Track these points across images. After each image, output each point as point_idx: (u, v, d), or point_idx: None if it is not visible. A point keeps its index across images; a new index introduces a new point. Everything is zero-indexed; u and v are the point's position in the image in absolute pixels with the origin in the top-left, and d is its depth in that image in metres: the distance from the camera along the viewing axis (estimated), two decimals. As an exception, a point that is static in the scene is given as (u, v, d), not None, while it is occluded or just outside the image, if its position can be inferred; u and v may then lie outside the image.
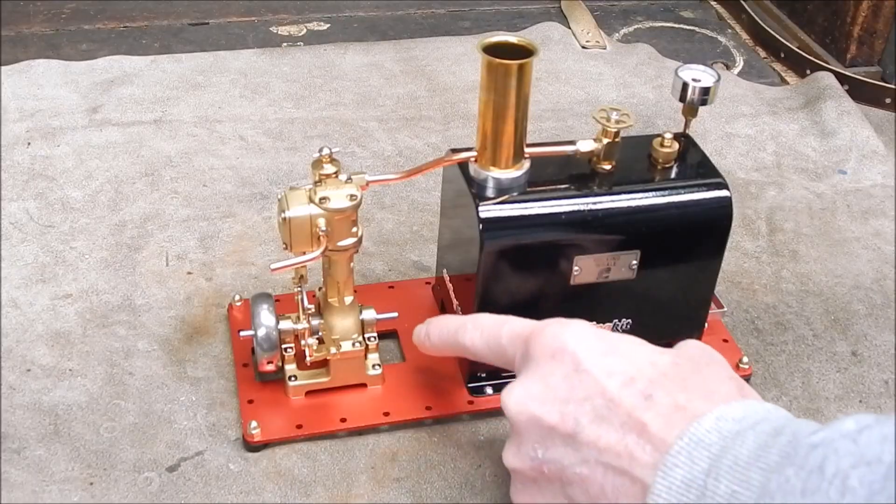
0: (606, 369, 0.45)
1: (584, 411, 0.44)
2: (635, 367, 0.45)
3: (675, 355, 0.46)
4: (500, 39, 0.54)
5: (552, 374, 0.46)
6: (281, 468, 0.57)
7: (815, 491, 0.34)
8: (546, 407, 0.45)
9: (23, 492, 0.55)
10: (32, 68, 0.95)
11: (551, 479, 0.45)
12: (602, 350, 0.46)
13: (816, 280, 0.74)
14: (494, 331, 0.51)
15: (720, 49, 1.11)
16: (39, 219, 0.76)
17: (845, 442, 0.35)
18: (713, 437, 0.40)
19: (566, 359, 0.46)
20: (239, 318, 0.66)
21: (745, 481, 0.38)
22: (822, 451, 0.35)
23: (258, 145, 0.86)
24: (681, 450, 0.40)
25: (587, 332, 0.47)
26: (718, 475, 0.39)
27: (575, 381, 0.45)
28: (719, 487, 0.38)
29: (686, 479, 0.40)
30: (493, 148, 0.56)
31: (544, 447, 0.45)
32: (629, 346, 0.47)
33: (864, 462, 0.34)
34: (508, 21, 1.12)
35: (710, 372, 0.45)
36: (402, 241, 0.76)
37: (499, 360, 0.51)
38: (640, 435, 0.42)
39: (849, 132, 0.91)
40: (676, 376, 0.44)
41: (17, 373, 0.62)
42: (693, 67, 0.60)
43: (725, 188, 0.59)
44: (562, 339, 0.47)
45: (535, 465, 0.46)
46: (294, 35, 1.08)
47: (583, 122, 0.92)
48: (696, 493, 0.39)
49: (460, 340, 0.53)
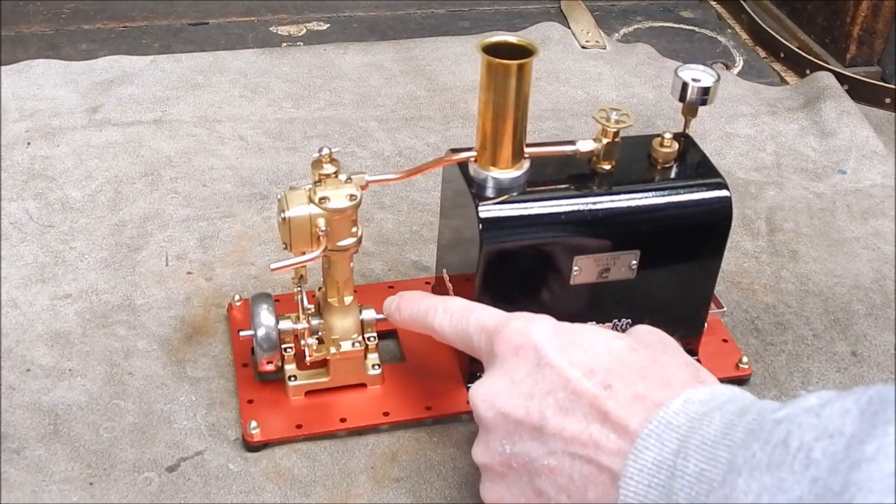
0: (567, 362, 0.46)
1: (549, 404, 0.45)
2: (594, 357, 0.46)
3: (632, 341, 0.48)
4: (499, 39, 0.54)
5: (516, 370, 0.47)
6: (281, 468, 0.57)
7: (780, 464, 0.35)
8: (512, 402, 0.47)
9: (22, 492, 0.55)
10: (32, 68, 0.95)
11: (520, 472, 0.47)
12: (562, 343, 0.47)
13: (816, 280, 0.74)
14: (463, 318, 0.52)
15: (720, 49, 1.11)
16: (39, 219, 0.76)
17: (808, 416, 0.36)
18: (681, 419, 0.41)
19: (529, 354, 0.47)
20: (239, 318, 0.66)
21: (713, 459, 0.39)
22: (785, 426, 0.36)
23: (258, 145, 0.86)
24: (650, 433, 0.42)
25: (548, 327, 0.48)
26: (687, 455, 0.40)
27: (538, 375, 0.46)
28: (688, 466, 0.39)
29: (656, 460, 0.41)
30: (493, 148, 0.56)
31: (512, 442, 0.47)
32: (587, 336, 0.48)
33: (827, 434, 0.35)
34: (508, 21, 1.12)
35: (667, 360, 0.47)
36: (402, 240, 0.76)
37: (465, 347, 0.52)
38: (602, 424, 0.43)
39: (848, 132, 0.91)
40: (634, 365, 0.46)
41: (16, 373, 0.62)
42: (693, 67, 0.60)
43: (725, 188, 0.59)
44: (524, 335, 0.48)
45: (503, 459, 0.47)
46: (294, 35, 1.08)
47: (582, 122, 0.92)
48: (666, 473, 0.40)
49: (430, 322, 0.54)
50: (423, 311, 0.55)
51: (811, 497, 0.33)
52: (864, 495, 0.31)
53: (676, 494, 0.39)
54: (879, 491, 0.31)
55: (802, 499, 0.34)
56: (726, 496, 0.37)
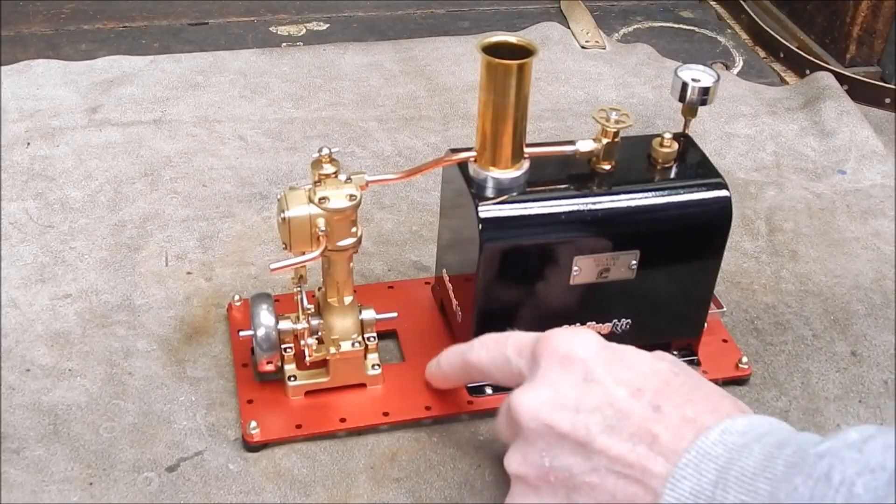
0: (614, 379, 0.46)
1: (595, 420, 0.45)
2: (640, 376, 0.46)
3: (671, 364, 0.48)
4: (499, 39, 0.54)
5: (562, 383, 0.47)
6: (280, 468, 0.57)
7: (822, 498, 0.35)
8: (558, 414, 0.46)
9: (22, 492, 0.55)
10: (32, 68, 0.95)
11: (556, 487, 0.46)
12: (608, 358, 0.47)
13: (816, 280, 0.74)
14: (499, 345, 0.52)
15: (720, 49, 1.11)
16: (39, 219, 0.75)
17: (850, 451, 0.36)
18: (719, 450, 0.42)
19: (575, 367, 0.47)
20: (238, 318, 0.66)
21: (753, 491, 0.39)
22: (828, 460, 0.37)
23: (258, 145, 0.86)
24: (688, 462, 0.42)
25: (594, 341, 0.48)
26: (727, 486, 0.40)
27: (584, 390, 0.46)
28: (728, 497, 0.39)
29: (694, 490, 0.41)
30: (493, 148, 0.56)
31: (552, 455, 0.46)
32: (631, 353, 0.48)
33: (869, 470, 0.35)
34: (508, 21, 1.12)
35: (708, 387, 0.47)
36: (402, 241, 0.76)
37: (503, 374, 0.52)
38: (650, 446, 0.43)
39: (848, 132, 0.91)
40: (680, 388, 0.46)
41: (16, 373, 0.62)
42: (692, 67, 0.60)
43: (725, 188, 0.59)
44: (570, 347, 0.48)
45: (540, 472, 0.47)
46: (293, 35, 1.08)
47: (582, 122, 0.92)
48: (704, 502, 0.40)
49: (468, 359, 0.54)
50: (460, 352, 0.55)
51: None
52: None
53: None
54: None
55: None
56: None
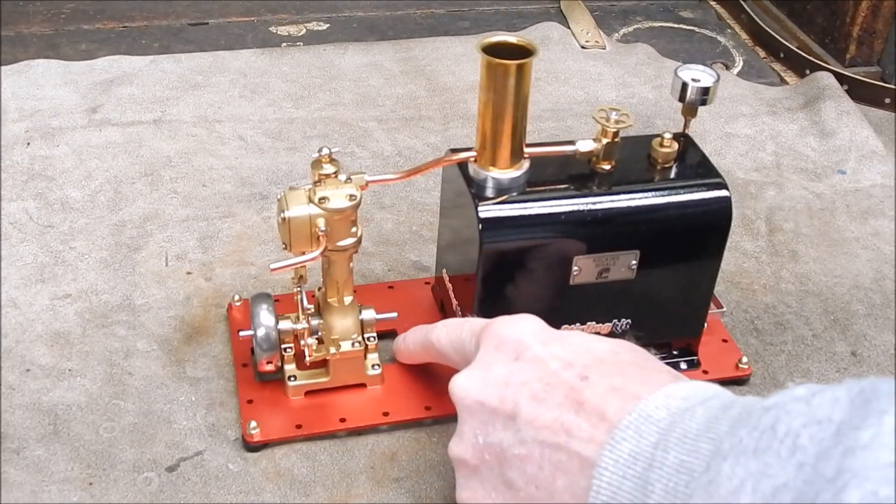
0: (547, 354, 0.47)
1: (523, 393, 0.46)
2: (574, 353, 0.47)
3: (616, 345, 0.48)
4: (499, 39, 0.54)
5: (495, 363, 0.48)
6: (280, 468, 0.57)
7: (767, 449, 0.35)
8: (488, 390, 0.47)
9: (22, 492, 0.55)
10: (32, 68, 0.95)
11: (491, 464, 0.46)
12: (544, 340, 0.48)
13: (816, 280, 0.74)
14: (458, 327, 0.54)
15: (720, 49, 1.11)
16: (39, 219, 0.76)
17: (797, 404, 0.36)
18: (661, 413, 0.41)
19: (509, 348, 0.48)
20: (238, 318, 0.66)
21: (695, 451, 0.38)
22: (774, 412, 0.36)
23: (258, 145, 0.86)
24: (629, 424, 0.41)
25: (534, 326, 0.49)
26: (667, 446, 0.39)
27: (515, 367, 0.47)
28: (667, 458, 0.39)
29: (633, 452, 0.41)
30: (493, 148, 0.56)
31: (485, 432, 0.47)
32: (571, 335, 0.49)
33: (816, 421, 0.34)
34: (508, 21, 1.12)
35: (649, 364, 0.47)
36: (402, 241, 0.76)
37: (460, 356, 0.53)
38: (577, 413, 0.43)
39: (848, 132, 0.91)
40: (614, 363, 0.46)
41: (16, 373, 0.62)
42: (692, 67, 0.60)
43: (725, 188, 0.59)
44: (507, 331, 0.49)
45: (476, 452, 0.47)
46: (293, 35, 1.08)
47: (582, 122, 0.92)
48: (642, 464, 0.40)
49: (429, 338, 0.56)
50: (424, 332, 0.57)
51: (797, 482, 0.33)
52: (858, 482, 0.31)
53: (653, 485, 0.39)
54: (875, 479, 0.30)
55: (788, 484, 0.33)
56: (710, 481, 0.36)
